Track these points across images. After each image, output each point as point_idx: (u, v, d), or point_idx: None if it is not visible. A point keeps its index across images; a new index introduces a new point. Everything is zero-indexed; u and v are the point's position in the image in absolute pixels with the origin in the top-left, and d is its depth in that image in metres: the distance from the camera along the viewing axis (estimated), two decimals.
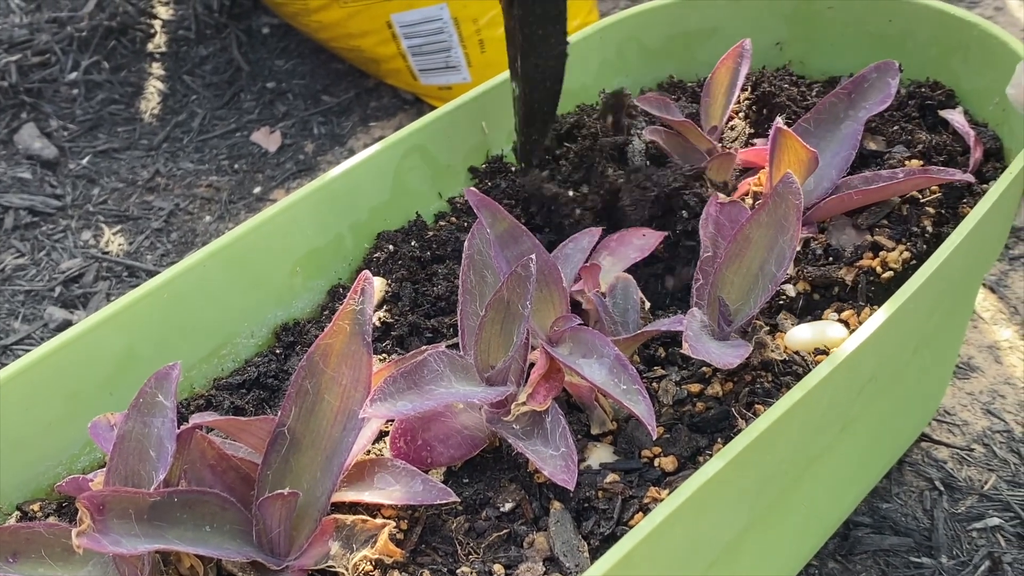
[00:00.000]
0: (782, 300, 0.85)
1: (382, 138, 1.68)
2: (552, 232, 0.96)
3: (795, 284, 0.85)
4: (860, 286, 0.84)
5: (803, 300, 0.85)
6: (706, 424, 0.76)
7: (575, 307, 0.82)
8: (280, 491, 0.65)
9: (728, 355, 0.74)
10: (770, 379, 0.77)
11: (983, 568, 1.01)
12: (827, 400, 0.73)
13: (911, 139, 0.95)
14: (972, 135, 0.93)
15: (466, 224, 0.97)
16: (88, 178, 1.66)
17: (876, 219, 0.89)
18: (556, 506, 0.71)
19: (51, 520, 0.76)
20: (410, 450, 0.74)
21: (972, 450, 1.12)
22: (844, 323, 0.81)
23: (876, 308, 0.79)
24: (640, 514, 0.70)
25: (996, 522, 1.05)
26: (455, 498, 0.68)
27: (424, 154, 0.98)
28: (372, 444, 0.76)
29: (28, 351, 1.35)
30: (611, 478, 0.72)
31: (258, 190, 1.63)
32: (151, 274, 1.48)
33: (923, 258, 0.83)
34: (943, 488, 1.08)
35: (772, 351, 0.79)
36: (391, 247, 0.94)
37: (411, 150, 0.97)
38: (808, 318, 0.83)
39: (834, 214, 0.90)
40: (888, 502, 1.07)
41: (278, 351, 0.88)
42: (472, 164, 1.02)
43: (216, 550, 0.66)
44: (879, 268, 0.85)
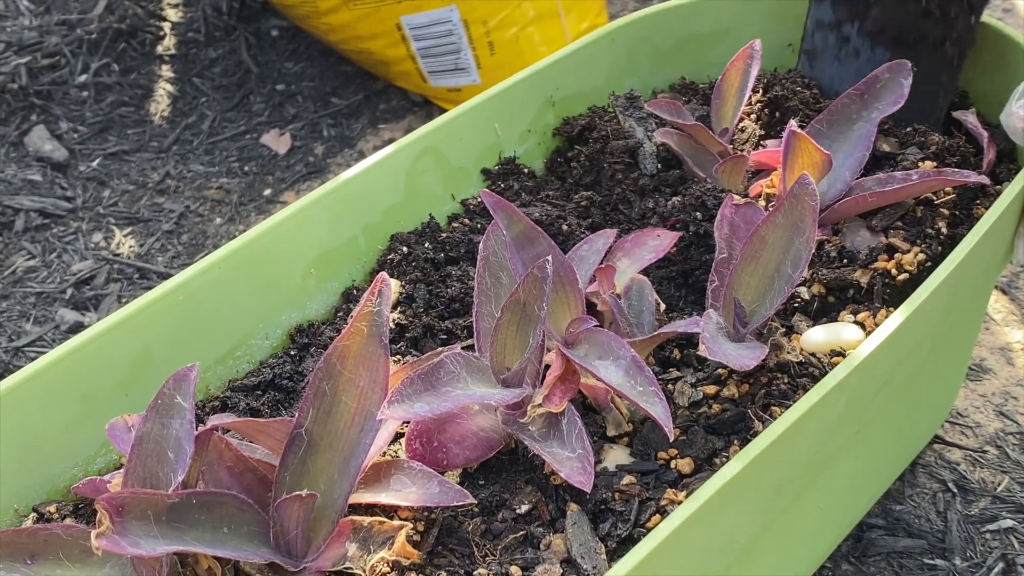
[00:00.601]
0: (796, 303, 0.85)
1: (391, 140, 1.69)
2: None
3: (809, 287, 0.85)
4: (876, 288, 0.84)
5: (818, 302, 0.85)
6: (722, 426, 0.76)
7: (590, 309, 0.82)
8: (298, 493, 0.65)
9: (744, 357, 0.74)
10: (786, 381, 0.77)
11: (997, 570, 1.00)
12: (844, 402, 0.73)
13: (924, 140, 0.95)
14: (985, 136, 0.93)
15: (479, 226, 0.97)
16: (98, 180, 1.66)
17: (891, 221, 0.89)
18: (573, 508, 0.71)
19: (68, 522, 0.76)
20: (426, 452, 0.74)
21: (985, 452, 1.11)
22: (860, 325, 0.81)
23: (892, 310, 0.79)
24: (657, 516, 0.70)
25: (1009, 524, 1.04)
26: (471, 500, 0.68)
27: (437, 156, 0.98)
28: (388, 446, 0.76)
29: (40, 353, 1.36)
30: (628, 480, 0.72)
31: (268, 192, 1.63)
32: (162, 276, 1.49)
33: (938, 260, 0.83)
34: (956, 490, 1.08)
35: (788, 353, 0.79)
36: (405, 249, 0.94)
37: (424, 152, 0.97)
38: (823, 320, 0.83)
39: (848, 216, 0.90)
40: (901, 504, 1.06)
41: (292, 353, 0.88)
42: (485, 166, 1.02)
43: (234, 552, 0.66)
44: (894, 270, 0.84)
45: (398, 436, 0.78)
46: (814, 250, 0.86)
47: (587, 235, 0.93)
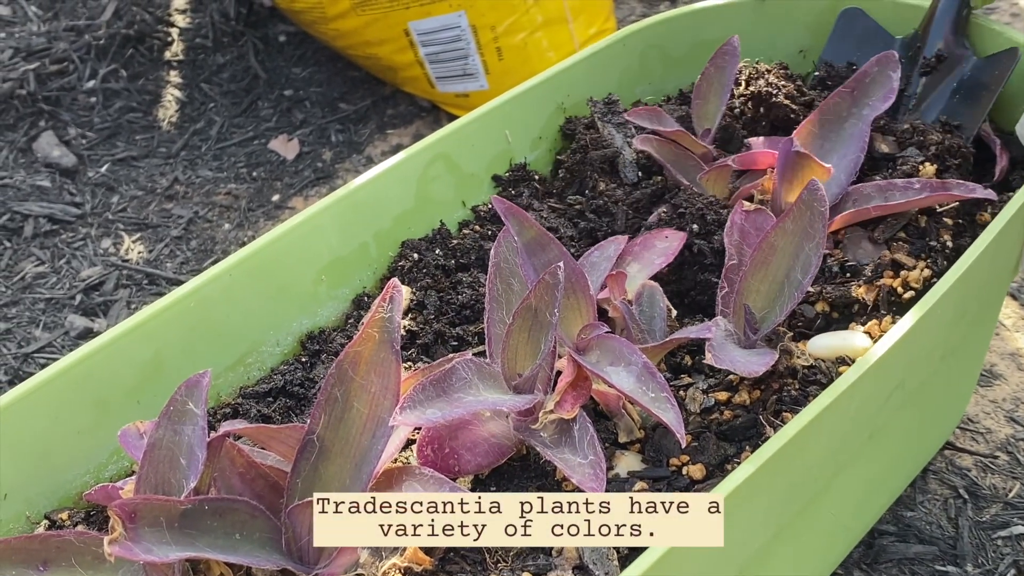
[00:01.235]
0: (800, 322, 0.84)
1: (399, 145, 1.69)
2: None
3: (814, 303, 0.84)
4: (881, 304, 0.83)
5: (821, 319, 0.84)
6: (734, 432, 0.76)
7: (601, 315, 0.82)
8: (309, 499, 0.65)
9: (753, 363, 0.73)
10: (797, 387, 0.77)
11: None
12: (855, 407, 0.73)
13: (923, 140, 0.93)
14: (998, 143, 0.93)
15: (490, 232, 0.97)
16: (107, 186, 1.66)
17: (893, 232, 0.87)
18: None
19: (80, 528, 0.76)
20: (437, 458, 0.75)
21: (996, 458, 1.11)
22: (867, 334, 0.81)
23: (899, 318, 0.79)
24: None
25: (1021, 530, 1.04)
26: None
27: (448, 163, 0.98)
28: (399, 452, 0.76)
29: (49, 359, 1.36)
30: (639, 486, 0.72)
31: (277, 198, 1.63)
32: (171, 282, 1.49)
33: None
34: (967, 496, 1.08)
35: (798, 358, 0.78)
36: (416, 255, 0.94)
37: (435, 159, 0.97)
38: None
39: (847, 225, 0.88)
40: (912, 510, 1.06)
41: (303, 359, 0.89)
42: (496, 172, 1.02)
43: (246, 558, 0.66)
44: (900, 288, 0.83)
45: (410, 442, 0.78)
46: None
47: (578, 242, 0.93)
